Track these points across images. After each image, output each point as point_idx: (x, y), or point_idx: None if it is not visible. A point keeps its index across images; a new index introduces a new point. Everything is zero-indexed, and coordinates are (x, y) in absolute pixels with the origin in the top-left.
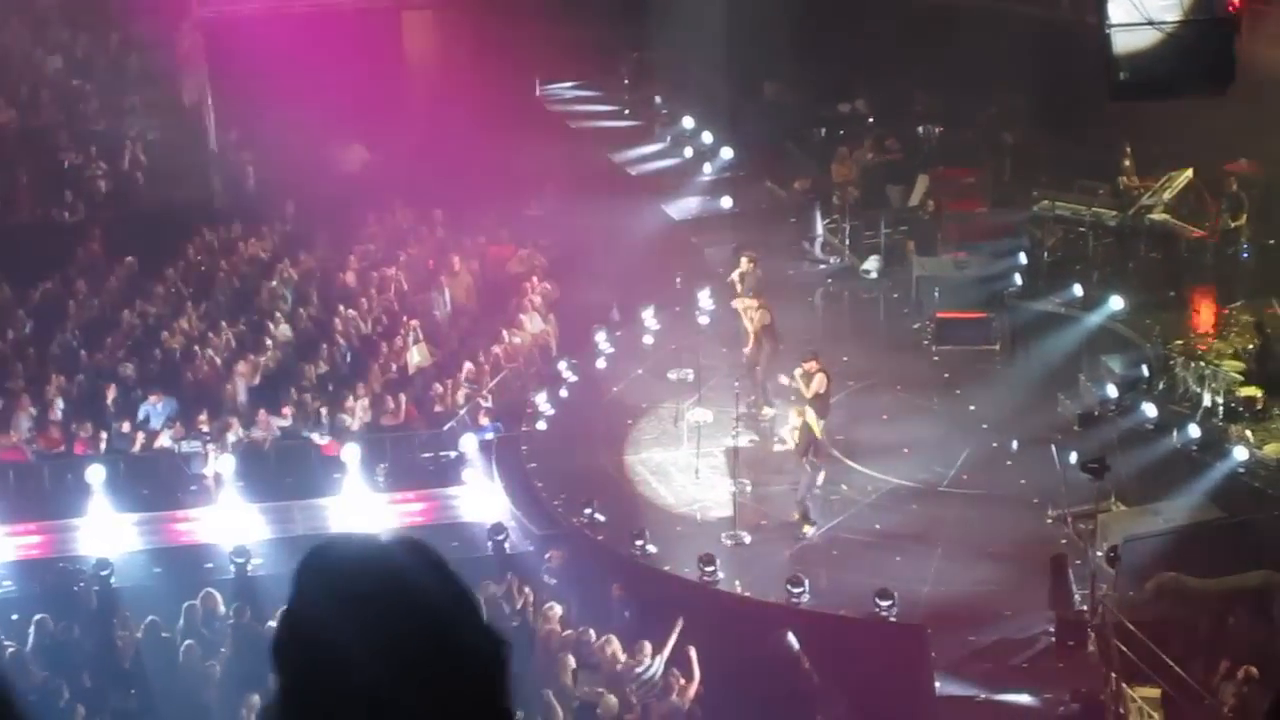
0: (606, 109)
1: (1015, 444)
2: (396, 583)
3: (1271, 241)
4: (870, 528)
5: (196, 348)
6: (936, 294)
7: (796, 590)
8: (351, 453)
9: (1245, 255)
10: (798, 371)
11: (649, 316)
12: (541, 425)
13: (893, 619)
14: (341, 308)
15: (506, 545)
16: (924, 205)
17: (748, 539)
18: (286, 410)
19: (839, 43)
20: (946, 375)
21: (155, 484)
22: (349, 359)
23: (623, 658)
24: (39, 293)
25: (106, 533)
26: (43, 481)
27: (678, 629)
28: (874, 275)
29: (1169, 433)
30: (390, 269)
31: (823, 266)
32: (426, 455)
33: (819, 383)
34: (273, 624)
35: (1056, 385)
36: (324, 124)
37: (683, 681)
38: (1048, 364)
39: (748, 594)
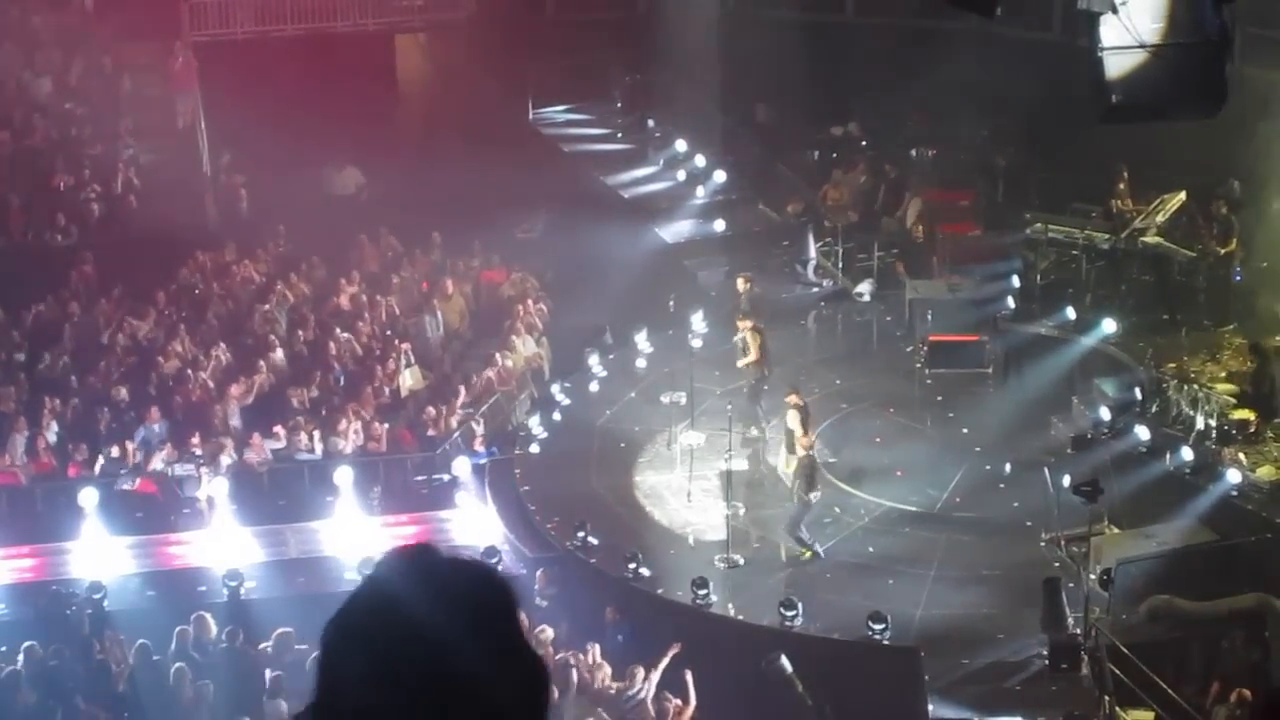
0: (599, 132)
1: (1008, 467)
2: (420, 642)
3: (1264, 264)
4: (863, 551)
5: (189, 371)
6: (929, 317)
7: (790, 613)
8: (345, 475)
9: (1238, 278)
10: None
11: (642, 339)
12: (534, 448)
13: (886, 642)
14: (337, 330)
15: (500, 569)
16: (915, 228)
17: (741, 562)
18: (278, 429)
19: (831, 66)
20: (939, 398)
21: (148, 507)
22: (342, 382)
23: (611, 682)
24: (32, 315)
25: (99, 556)
26: (36, 504)
27: (671, 652)
28: (867, 298)
29: (1162, 456)
30: (382, 294)
31: (815, 289)
32: (419, 478)
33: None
34: (266, 646)
35: (1049, 408)
36: (317, 147)
37: (678, 704)
38: (1040, 387)
39: (741, 617)
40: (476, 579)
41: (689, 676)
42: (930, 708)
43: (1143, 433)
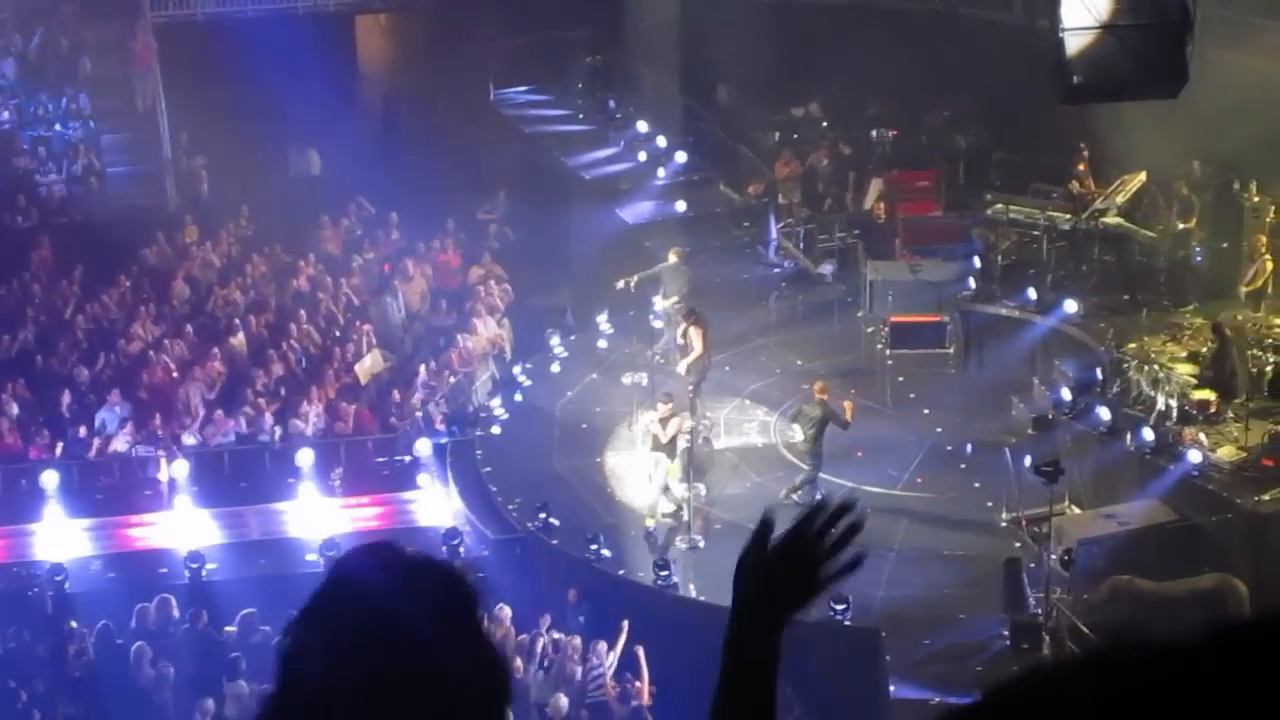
0: (560, 113)
1: (969, 447)
2: (396, 628)
3: (1224, 245)
4: None
5: (151, 353)
6: (890, 298)
7: None
8: (306, 457)
9: (1198, 259)
10: (655, 415)
11: (603, 320)
12: (496, 429)
13: (847, 622)
14: (301, 312)
15: (461, 550)
16: (876, 209)
17: (702, 542)
18: (240, 421)
19: (792, 47)
20: (901, 379)
21: (110, 489)
22: (304, 364)
23: (577, 659)
24: None
25: (61, 538)
26: None
27: (623, 633)
28: (828, 279)
29: (1123, 436)
30: (343, 276)
31: (776, 270)
32: (381, 460)
33: (675, 426)
34: (230, 629)
35: (1010, 389)
36: (278, 128)
37: (638, 685)
38: (1002, 368)
39: (703, 598)
40: (440, 575)
41: (641, 652)
42: (891, 688)
43: (1104, 413)
